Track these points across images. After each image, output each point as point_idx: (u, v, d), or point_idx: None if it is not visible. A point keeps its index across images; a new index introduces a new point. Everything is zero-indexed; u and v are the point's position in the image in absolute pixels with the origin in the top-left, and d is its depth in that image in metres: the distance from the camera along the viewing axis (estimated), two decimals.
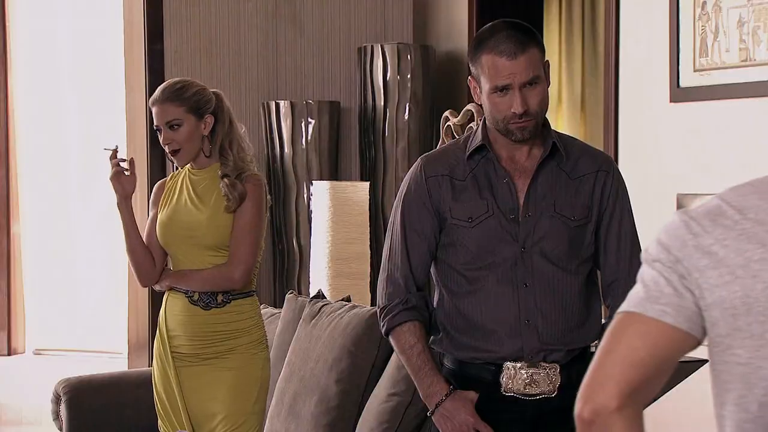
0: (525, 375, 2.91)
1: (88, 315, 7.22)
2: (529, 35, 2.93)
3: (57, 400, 4.75)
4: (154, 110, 3.83)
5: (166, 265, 3.94)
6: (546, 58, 2.96)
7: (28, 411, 6.95)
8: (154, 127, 3.87)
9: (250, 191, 3.81)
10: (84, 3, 7.20)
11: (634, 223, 3.04)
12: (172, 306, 3.87)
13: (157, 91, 3.86)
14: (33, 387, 6.80)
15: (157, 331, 3.92)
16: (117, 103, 6.74)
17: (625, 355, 1.63)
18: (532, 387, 2.91)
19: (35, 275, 7.34)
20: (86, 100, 7.24)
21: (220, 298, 3.81)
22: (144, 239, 3.92)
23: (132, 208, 3.92)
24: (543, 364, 2.92)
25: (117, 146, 4.01)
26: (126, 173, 3.89)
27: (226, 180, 3.80)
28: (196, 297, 3.82)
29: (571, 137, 3.14)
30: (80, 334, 7.19)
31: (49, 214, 7.31)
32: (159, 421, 3.91)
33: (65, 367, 5.52)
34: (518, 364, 2.91)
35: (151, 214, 3.96)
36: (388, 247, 3.05)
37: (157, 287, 3.94)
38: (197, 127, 3.82)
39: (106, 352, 6.99)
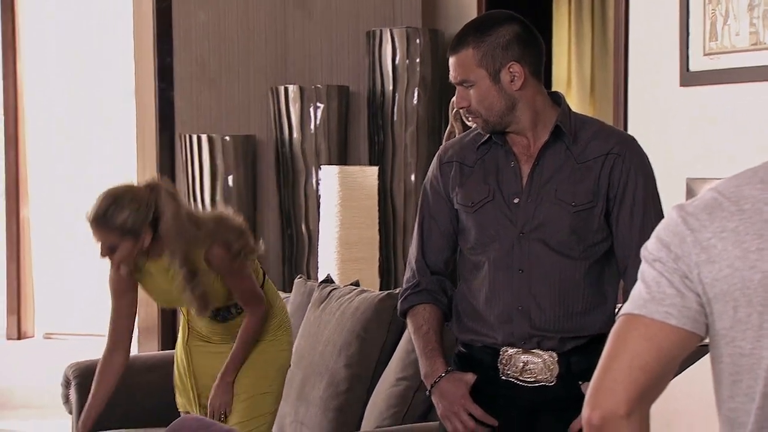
0: (520, 362, 2.90)
1: (98, 299, 7.23)
2: (477, 34, 2.94)
3: (67, 383, 4.75)
4: (91, 228, 3.59)
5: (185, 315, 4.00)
6: (511, 62, 2.90)
7: (37, 395, 6.97)
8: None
9: (215, 262, 3.68)
10: None
11: (653, 207, 2.88)
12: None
13: (91, 208, 3.57)
14: (43, 371, 6.81)
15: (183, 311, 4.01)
16: (126, 88, 6.75)
17: (632, 360, 1.63)
18: (527, 374, 2.89)
19: (44, 259, 7.36)
20: (96, 84, 7.24)
21: (234, 311, 3.89)
22: (110, 331, 3.97)
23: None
24: (539, 351, 2.89)
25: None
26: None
27: (182, 280, 3.65)
28: (211, 314, 3.87)
29: (591, 119, 3.05)
30: (89, 317, 7.21)
31: (59, 198, 7.32)
32: (176, 395, 4.00)
33: (75, 351, 5.53)
34: (513, 350, 2.90)
35: (114, 304, 3.91)
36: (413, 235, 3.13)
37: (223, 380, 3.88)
38: (135, 244, 3.60)
39: None
